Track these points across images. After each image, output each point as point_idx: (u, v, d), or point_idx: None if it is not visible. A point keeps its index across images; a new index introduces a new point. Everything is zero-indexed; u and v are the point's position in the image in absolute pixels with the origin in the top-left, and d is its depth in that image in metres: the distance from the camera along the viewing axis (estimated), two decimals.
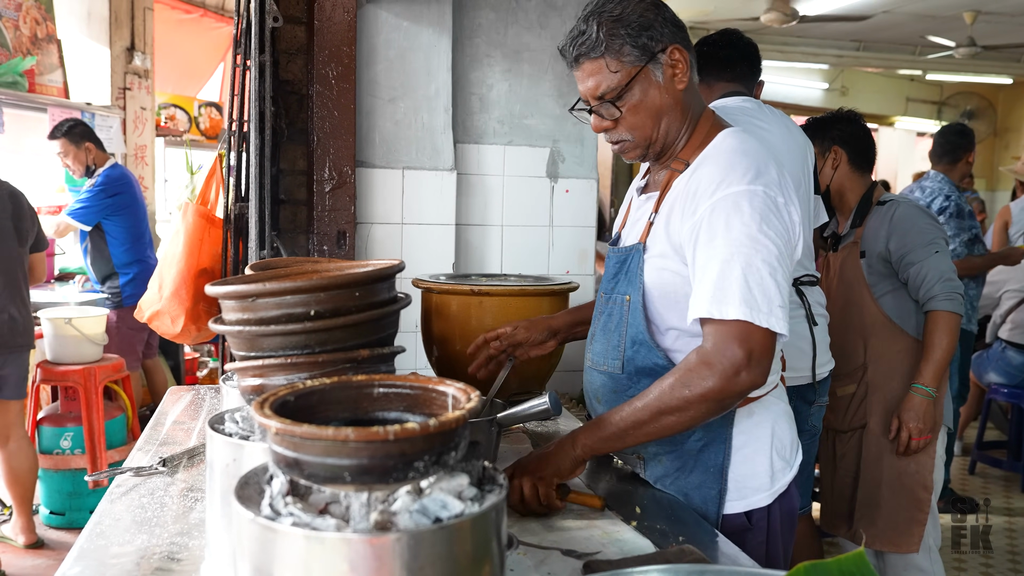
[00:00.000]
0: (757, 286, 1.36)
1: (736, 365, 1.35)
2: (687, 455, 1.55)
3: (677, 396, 1.38)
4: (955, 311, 2.49)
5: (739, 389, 1.38)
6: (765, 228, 1.39)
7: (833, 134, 2.73)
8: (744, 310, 1.35)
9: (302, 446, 0.82)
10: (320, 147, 2.72)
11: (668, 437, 1.47)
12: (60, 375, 4.02)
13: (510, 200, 3.02)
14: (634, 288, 1.54)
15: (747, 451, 1.54)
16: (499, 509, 0.87)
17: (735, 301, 1.35)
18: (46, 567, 3.53)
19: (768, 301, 1.36)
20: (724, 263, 1.37)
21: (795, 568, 0.77)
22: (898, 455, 2.58)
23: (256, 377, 1.13)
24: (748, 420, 1.54)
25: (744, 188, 1.41)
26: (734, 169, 1.44)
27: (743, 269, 1.36)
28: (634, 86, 1.50)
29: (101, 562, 1.24)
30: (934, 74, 10.99)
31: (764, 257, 1.37)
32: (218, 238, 3.16)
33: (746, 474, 1.54)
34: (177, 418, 2.08)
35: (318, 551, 0.78)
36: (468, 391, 0.92)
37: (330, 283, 1.11)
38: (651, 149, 1.56)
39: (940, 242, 2.56)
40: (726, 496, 1.53)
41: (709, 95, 2.49)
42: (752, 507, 1.54)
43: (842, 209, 2.77)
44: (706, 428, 1.51)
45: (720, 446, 1.52)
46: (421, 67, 2.84)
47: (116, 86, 5.95)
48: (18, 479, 3.70)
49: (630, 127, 1.53)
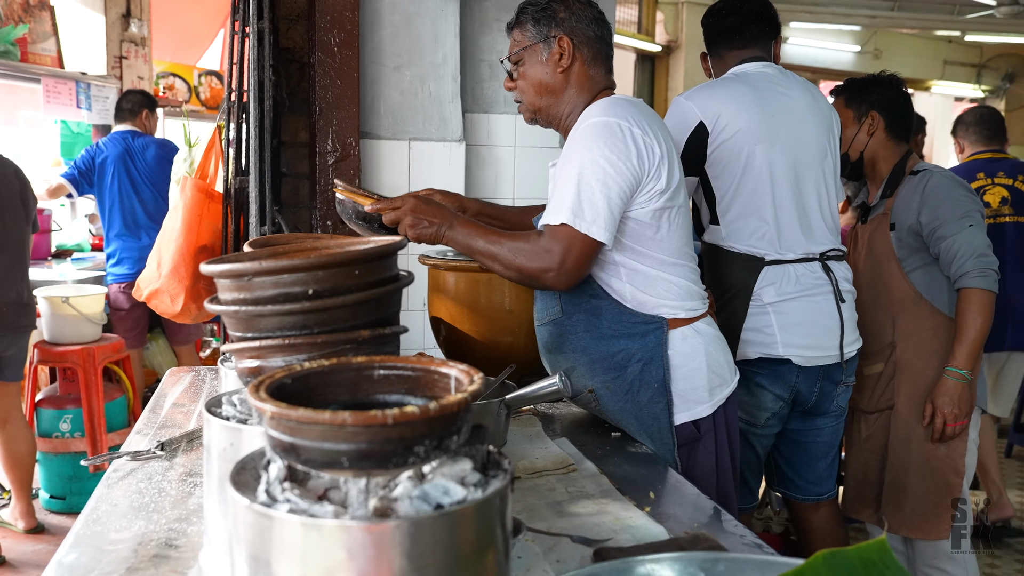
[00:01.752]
0: (587, 200, 1.70)
1: (547, 266, 1.72)
2: (631, 377, 1.82)
3: (505, 257, 1.76)
4: (989, 288, 2.46)
5: (540, 283, 1.77)
6: (606, 152, 1.71)
7: (872, 98, 2.69)
8: (569, 216, 1.70)
9: (298, 430, 0.83)
10: (323, 118, 2.72)
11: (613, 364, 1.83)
12: (58, 356, 4.06)
13: (522, 172, 3.01)
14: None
15: (684, 370, 1.83)
16: (504, 495, 0.88)
17: (565, 210, 1.71)
18: (46, 552, 3.59)
19: (595, 213, 1.70)
20: (566, 182, 1.73)
21: (814, 556, 0.77)
22: (933, 442, 2.58)
23: (253, 359, 1.14)
24: (682, 343, 1.83)
25: (595, 120, 1.75)
26: (596, 108, 1.80)
27: (577, 185, 1.71)
28: (525, 56, 1.90)
29: (98, 548, 1.26)
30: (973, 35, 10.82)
31: (599, 176, 1.71)
32: (218, 213, 3.18)
33: (687, 388, 1.83)
34: (176, 400, 2.10)
35: (315, 538, 0.79)
36: (471, 373, 0.92)
37: (329, 261, 1.11)
38: (538, 115, 1.93)
39: (975, 215, 2.53)
40: (673, 408, 1.82)
41: (722, 66, 2.47)
42: (697, 417, 1.84)
43: (874, 178, 2.74)
44: (643, 349, 1.81)
45: (659, 363, 1.81)
46: (428, 33, 2.83)
47: (112, 55, 5.96)
48: (17, 463, 3.76)
49: (521, 90, 1.93)
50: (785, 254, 2.29)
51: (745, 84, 2.34)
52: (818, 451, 2.50)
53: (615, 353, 1.82)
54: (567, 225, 1.71)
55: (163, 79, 6.88)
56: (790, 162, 2.29)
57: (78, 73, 5.61)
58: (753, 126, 2.26)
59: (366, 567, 0.79)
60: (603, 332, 1.83)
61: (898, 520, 2.64)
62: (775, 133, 2.28)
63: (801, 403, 2.38)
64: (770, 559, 0.94)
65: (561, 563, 1.23)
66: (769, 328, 2.28)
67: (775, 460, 2.58)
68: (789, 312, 2.27)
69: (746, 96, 2.30)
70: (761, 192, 2.27)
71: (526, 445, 1.77)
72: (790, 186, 2.29)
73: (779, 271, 2.28)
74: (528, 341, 2.08)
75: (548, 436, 1.85)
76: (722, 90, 2.34)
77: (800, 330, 2.28)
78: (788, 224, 2.29)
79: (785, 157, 2.28)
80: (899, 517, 2.64)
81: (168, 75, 6.95)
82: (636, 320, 1.81)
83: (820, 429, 2.47)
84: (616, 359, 1.82)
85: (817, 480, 2.54)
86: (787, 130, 2.30)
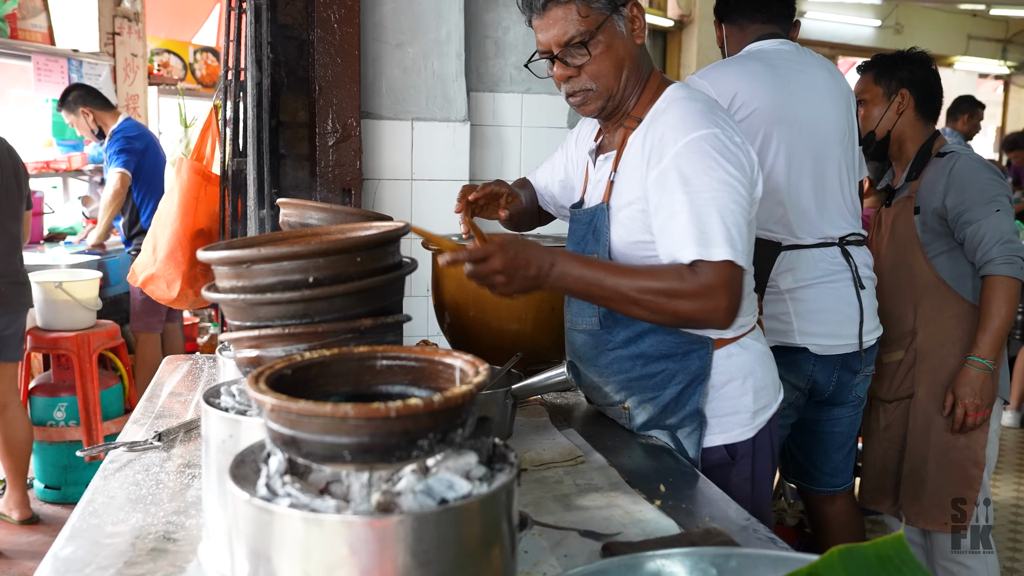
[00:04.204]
0: (735, 227, 1.55)
1: (718, 309, 1.55)
2: (668, 399, 1.73)
3: (655, 301, 1.56)
4: (1015, 276, 2.45)
5: (707, 326, 1.63)
6: (732, 169, 1.56)
7: (902, 75, 2.67)
8: (729, 251, 1.53)
9: (299, 423, 0.83)
10: (323, 97, 2.71)
11: (651, 385, 1.73)
12: (52, 342, 4.08)
13: (528, 153, 3.00)
14: (601, 246, 1.73)
15: (727, 390, 1.73)
16: (510, 489, 0.88)
17: (720, 242, 1.54)
18: (42, 543, 3.62)
19: (744, 242, 1.57)
20: (702, 207, 1.55)
21: (829, 552, 0.77)
22: (953, 432, 2.57)
23: (252, 348, 1.14)
24: (727, 361, 1.73)
25: (705, 132, 1.58)
26: (691, 116, 1.62)
27: (719, 211, 1.54)
28: (600, 33, 1.64)
29: (95, 541, 1.27)
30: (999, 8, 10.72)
31: (735, 198, 1.56)
32: (215, 196, 3.18)
33: (726, 411, 1.74)
34: (174, 389, 2.11)
35: (317, 534, 0.80)
36: (476, 364, 0.92)
37: (329, 248, 1.11)
38: (611, 102, 1.70)
39: (1002, 200, 2.51)
40: (707, 430, 1.73)
41: (743, 38, 2.45)
42: (733, 440, 1.74)
43: (900, 160, 2.72)
44: (684, 372, 1.71)
45: (699, 387, 1.71)
46: (431, 9, 2.81)
47: (105, 31, 5.95)
48: (13, 450, 3.79)
49: (595, 75, 1.67)
50: (803, 238, 2.29)
51: (761, 62, 2.32)
52: (835, 442, 2.51)
53: (654, 374, 1.73)
54: (730, 262, 1.54)
55: (157, 56, 6.87)
56: (808, 143, 2.28)
57: (70, 50, 5.61)
58: (769, 106, 2.25)
59: (369, 563, 0.79)
60: (643, 351, 1.73)
61: (916, 512, 2.64)
62: (793, 113, 2.27)
63: (818, 393, 2.38)
64: (784, 554, 0.94)
65: (569, 558, 1.24)
66: (786, 316, 2.28)
67: (790, 450, 2.58)
68: (807, 299, 2.27)
69: (762, 75, 2.29)
70: (777, 174, 2.26)
71: (533, 436, 1.78)
72: (809, 168, 2.28)
73: (796, 256, 2.28)
74: (535, 329, 2.08)
75: (556, 427, 1.85)
76: (737, 68, 2.33)
77: (818, 318, 2.28)
78: (806, 207, 2.29)
79: (803, 138, 2.27)
80: (917, 508, 2.64)
81: (163, 52, 6.95)
82: (681, 340, 1.71)
83: (837, 419, 2.47)
84: (654, 380, 1.74)
85: (833, 471, 2.54)
86: (805, 110, 2.29)
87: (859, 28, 11.03)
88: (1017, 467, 4.66)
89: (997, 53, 11.97)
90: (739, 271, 1.55)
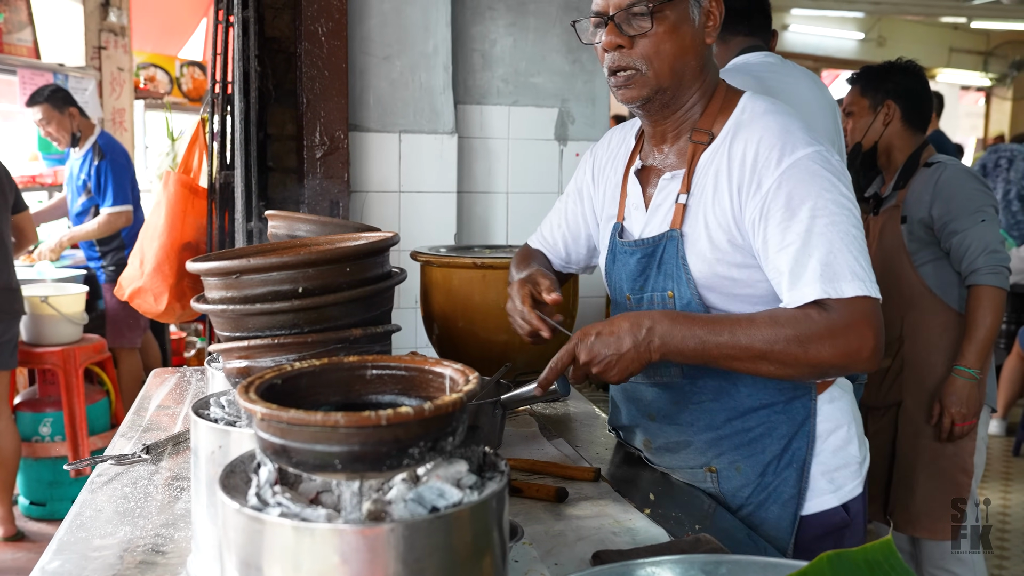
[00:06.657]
0: (861, 255, 1.36)
1: (863, 349, 1.34)
2: (769, 457, 1.51)
3: (787, 351, 1.34)
4: (999, 286, 2.48)
5: (854, 369, 1.37)
6: (844, 190, 1.38)
7: (888, 86, 2.70)
8: (859, 285, 1.34)
9: (289, 432, 0.83)
10: (310, 110, 2.72)
11: (743, 442, 1.50)
12: (37, 357, 4.06)
13: (516, 165, 3.01)
14: (678, 281, 1.49)
15: (834, 439, 1.53)
16: (500, 497, 0.88)
17: (847, 275, 1.34)
18: (27, 560, 3.59)
19: (871, 270, 1.37)
20: (820, 235, 1.35)
21: (818, 558, 0.78)
22: (940, 442, 2.59)
23: (242, 359, 1.14)
24: (830, 405, 1.53)
25: (810, 151, 1.39)
26: (789, 133, 1.41)
27: (843, 240, 1.35)
28: (670, 8, 1.42)
29: (83, 555, 1.26)
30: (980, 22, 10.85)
31: (853, 223, 1.37)
32: (202, 209, 3.18)
33: (838, 464, 1.53)
34: (161, 402, 2.10)
35: (308, 543, 0.80)
36: (467, 372, 0.93)
37: (318, 258, 1.12)
38: (658, 95, 1.47)
39: (988, 210, 2.54)
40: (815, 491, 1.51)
41: (726, 51, 2.47)
42: (847, 498, 1.53)
43: (888, 169, 2.75)
44: (789, 422, 1.50)
45: (803, 440, 1.50)
46: (418, 22, 2.83)
47: (91, 45, 5.94)
48: (1, 463, 3.76)
49: (648, 54, 1.44)
50: None
51: (749, 75, 2.34)
52: None
53: (751, 428, 1.51)
54: (868, 296, 1.34)
55: (144, 70, 6.86)
56: None
57: (55, 64, 5.59)
58: None
59: (360, 571, 0.79)
60: (738, 403, 1.51)
61: (905, 519, 2.66)
62: None
63: None
64: (773, 561, 0.95)
65: (559, 566, 1.24)
66: None
67: None
68: None
69: (751, 88, 2.30)
70: None
71: (522, 447, 1.78)
72: None
73: None
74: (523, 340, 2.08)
75: (545, 437, 1.86)
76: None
77: None
78: None
79: None
80: (906, 516, 2.66)
81: (149, 66, 6.94)
82: (783, 385, 1.49)
83: None
84: (752, 434, 1.51)
85: None
86: None
87: (842, 41, 11.14)
88: (1003, 475, 4.69)
89: (979, 65, 12.10)
90: (875, 303, 1.35)
